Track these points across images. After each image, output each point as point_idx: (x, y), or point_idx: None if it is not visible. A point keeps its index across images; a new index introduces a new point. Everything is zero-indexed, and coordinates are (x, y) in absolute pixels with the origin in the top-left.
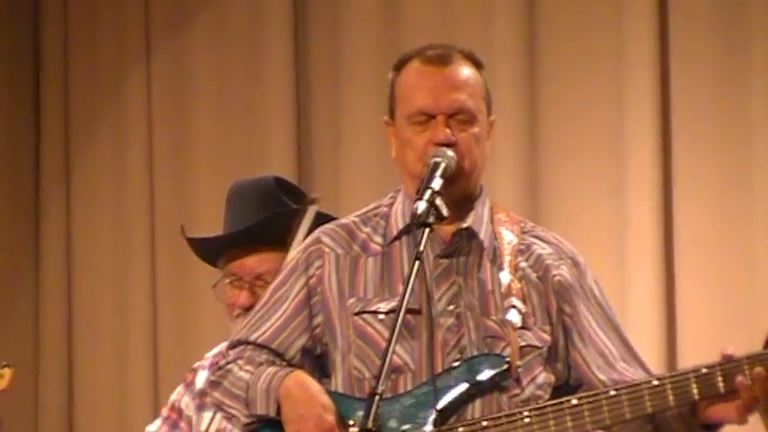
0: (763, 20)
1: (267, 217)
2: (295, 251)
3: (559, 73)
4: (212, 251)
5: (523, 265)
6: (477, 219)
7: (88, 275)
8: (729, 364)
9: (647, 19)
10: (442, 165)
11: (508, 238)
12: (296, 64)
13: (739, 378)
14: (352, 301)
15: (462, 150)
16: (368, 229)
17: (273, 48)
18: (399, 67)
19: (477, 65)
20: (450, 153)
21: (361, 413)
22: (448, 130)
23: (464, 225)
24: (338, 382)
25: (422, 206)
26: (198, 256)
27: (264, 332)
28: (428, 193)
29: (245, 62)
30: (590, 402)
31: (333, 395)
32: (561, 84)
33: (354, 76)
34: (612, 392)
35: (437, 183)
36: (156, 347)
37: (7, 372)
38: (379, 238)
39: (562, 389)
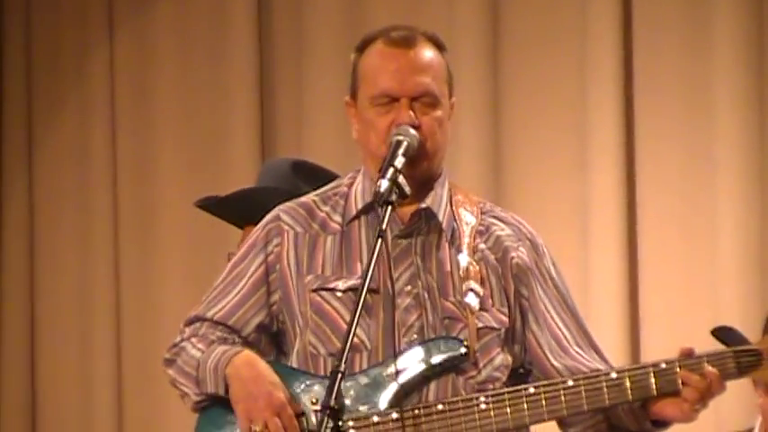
0: None
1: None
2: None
3: (522, 50)
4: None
5: (482, 246)
6: (437, 199)
7: (51, 259)
8: (689, 361)
9: None
10: (405, 143)
11: (467, 219)
12: (259, 43)
13: (695, 377)
14: (310, 278)
15: (425, 133)
16: (327, 208)
17: (237, 26)
18: (362, 48)
19: (440, 47)
20: (412, 131)
21: (315, 389)
22: (411, 113)
23: (423, 205)
24: (293, 358)
25: (384, 184)
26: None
27: (221, 309)
28: (390, 171)
29: (209, 41)
30: (547, 391)
31: (285, 369)
32: (524, 61)
33: (318, 54)
34: (570, 383)
35: (399, 161)
36: (120, 330)
37: None
38: (338, 217)
39: (518, 371)
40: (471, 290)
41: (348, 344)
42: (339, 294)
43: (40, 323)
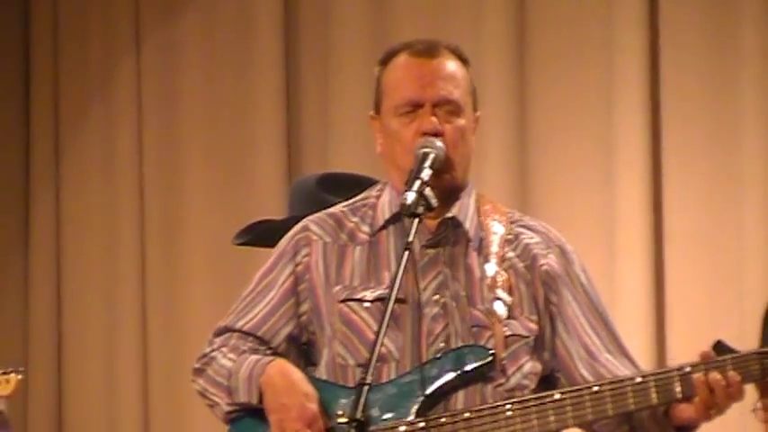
0: (753, 9)
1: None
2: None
3: (549, 63)
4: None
5: (510, 255)
6: (463, 208)
7: (78, 267)
8: (714, 363)
9: (636, 9)
10: (431, 155)
11: (495, 228)
12: (286, 53)
13: (704, 377)
14: (337, 288)
15: (449, 141)
16: (356, 219)
17: (263, 37)
18: (386, 61)
19: (464, 60)
20: (438, 143)
21: (344, 401)
22: (434, 119)
23: (449, 215)
24: (322, 369)
25: (411, 196)
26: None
27: (251, 320)
28: (417, 183)
29: (235, 52)
30: (573, 397)
31: (316, 382)
32: (550, 74)
33: (344, 65)
34: (596, 388)
35: (426, 173)
36: (146, 338)
37: (13, 378)
38: (366, 228)
39: (548, 379)
40: (498, 298)
41: (375, 355)
42: (367, 305)
43: (67, 335)
